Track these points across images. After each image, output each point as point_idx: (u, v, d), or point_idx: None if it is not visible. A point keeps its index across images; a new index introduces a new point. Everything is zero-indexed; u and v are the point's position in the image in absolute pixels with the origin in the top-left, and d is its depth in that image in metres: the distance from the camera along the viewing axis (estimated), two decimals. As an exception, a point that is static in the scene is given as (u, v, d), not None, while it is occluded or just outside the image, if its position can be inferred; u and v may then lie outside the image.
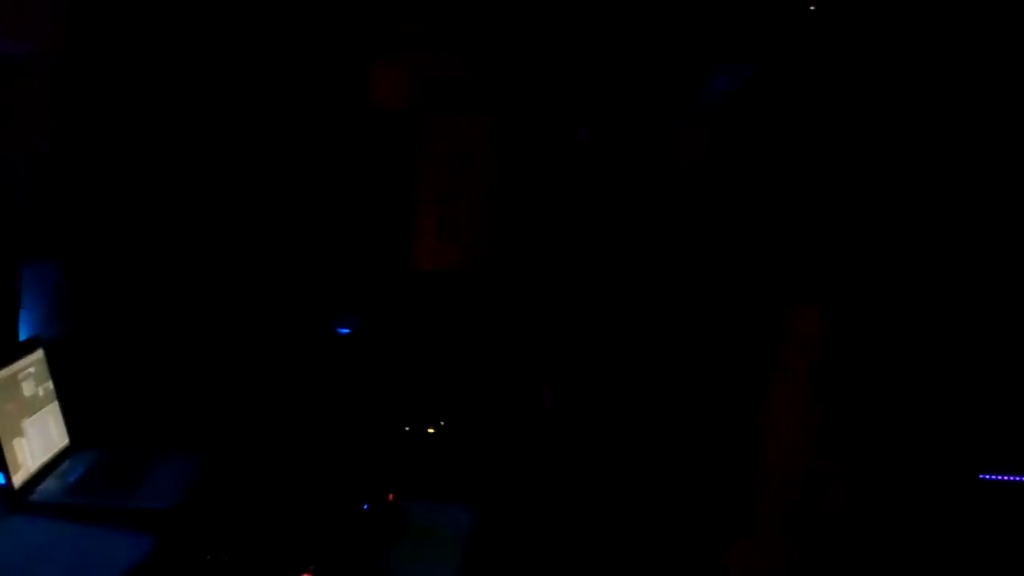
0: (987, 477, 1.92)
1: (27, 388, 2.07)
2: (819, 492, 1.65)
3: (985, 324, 1.92)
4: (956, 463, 1.81)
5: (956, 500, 1.76)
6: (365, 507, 1.93)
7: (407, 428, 2.46)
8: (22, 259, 2.45)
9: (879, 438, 1.75)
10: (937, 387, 1.79)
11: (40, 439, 2.07)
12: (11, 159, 2.50)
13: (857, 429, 1.74)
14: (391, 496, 1.97)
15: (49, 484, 2.00)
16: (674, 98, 2.11)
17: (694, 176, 1.97)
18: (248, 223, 2.67)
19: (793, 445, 1.72)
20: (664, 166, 2.08)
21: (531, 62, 2.53)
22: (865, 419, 1.73)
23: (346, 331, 2.75)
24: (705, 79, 2.01)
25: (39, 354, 2.18)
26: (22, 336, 2.35)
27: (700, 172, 1.96)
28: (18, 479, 1.92)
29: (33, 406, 2.07)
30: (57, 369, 2.22)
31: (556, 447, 2.32)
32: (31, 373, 2.11)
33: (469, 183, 2.66)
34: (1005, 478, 1.93)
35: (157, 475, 2.05)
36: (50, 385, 2.18)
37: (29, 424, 2.03)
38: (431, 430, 2.45)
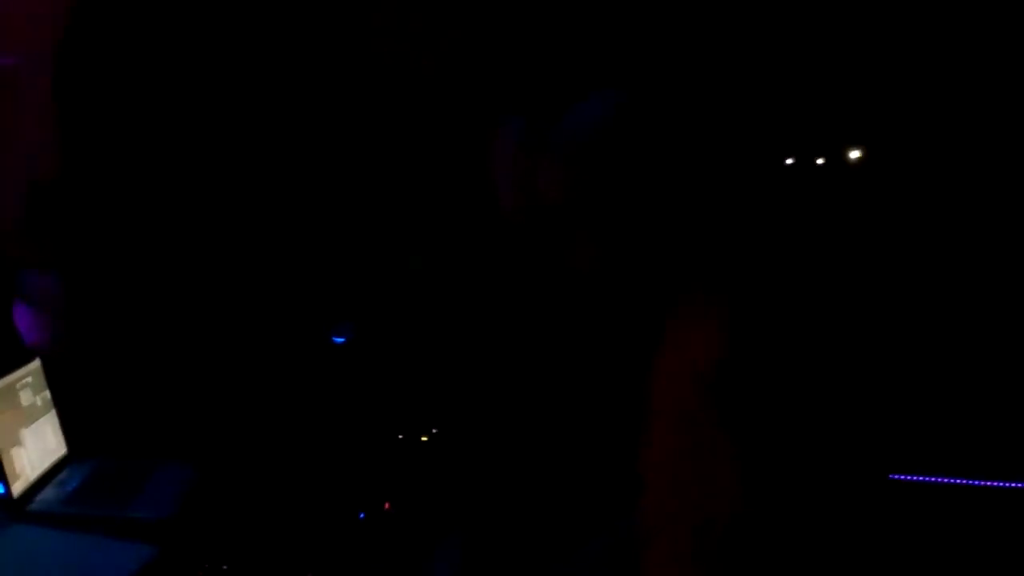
0: (899, 478, 1.94)
1: (25, 398, 2.09)
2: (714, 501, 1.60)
3: (891, 324, 1.94)
4: (866, 464, 1.82)
5: (866, 501, 1.77)
6: (361, 516, 1.95)
7: (401, 436, 2.47)
8: (19, 269, 2.46)
9: (780, 442, 1.73)
10: (841, 388, 1.79)
11: (39, 448, 2.08)
12: (7, 170, 2.51)
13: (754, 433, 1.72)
14: (387, 505, 1.99)
15: (48, 493, 2.01)
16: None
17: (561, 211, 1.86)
18: (245, 233, 2.69)
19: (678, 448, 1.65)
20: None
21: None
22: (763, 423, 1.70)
23: (341, 340, 2.76)
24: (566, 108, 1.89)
25: (36, 364, 2.19)
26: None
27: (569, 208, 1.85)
28: (17, 488, 1.93)
29: (31, 415, 2.09)
30: (54, 379, 2.23)
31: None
32: (29, 383, 2.12)
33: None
34: (916, 479, 1.96)
35: (155, 484, 2.06)
36: (48, 395, 2.20)
37: (27, 433, 2.04)
38: (424, 438, 2.46)
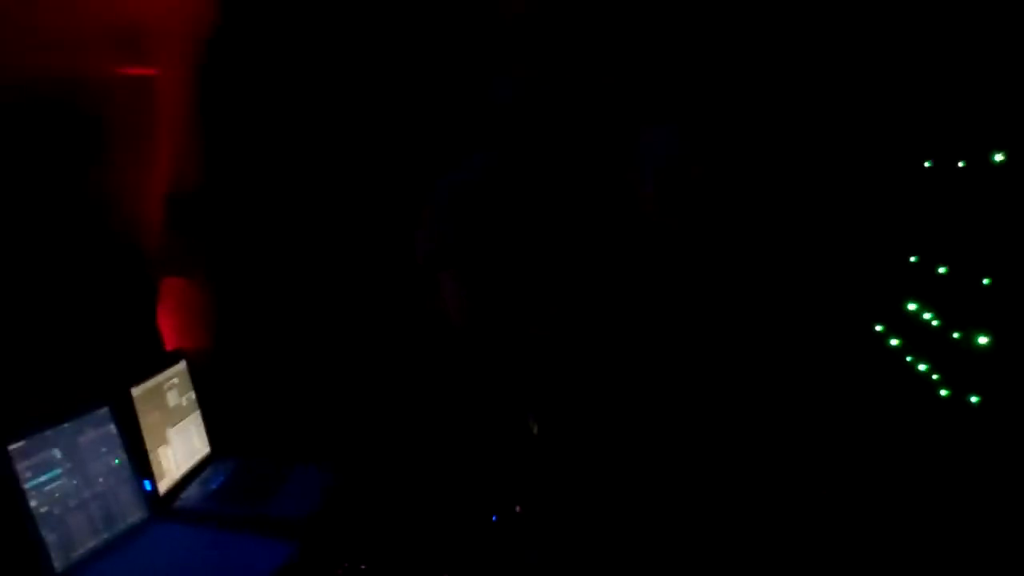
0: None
1: (171, 398, 2.13)
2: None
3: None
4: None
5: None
6: (494, 518, 1.89)
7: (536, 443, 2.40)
8: (163, 275, 2.54)
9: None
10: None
11: (184, 447, 2.11)
12: (150, 179, 2.60)
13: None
14: (518, 508, 1.93)
15: (192, 491, 2.04)
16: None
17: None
18: (381, 239, 2.69)
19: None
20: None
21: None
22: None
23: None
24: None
25: (182, 365, 2.24)
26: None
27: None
28: (163, 486, 1.96)
29: (177, 415, 2.13)
30: (199, 380, 2.28)
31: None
32: (175, 384, 2.17)
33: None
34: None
35: (294, 484, 2.06)
36: (192, 395, 2.24)
37: (173, 433, 2.08)
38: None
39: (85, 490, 1.69)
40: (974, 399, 1.79)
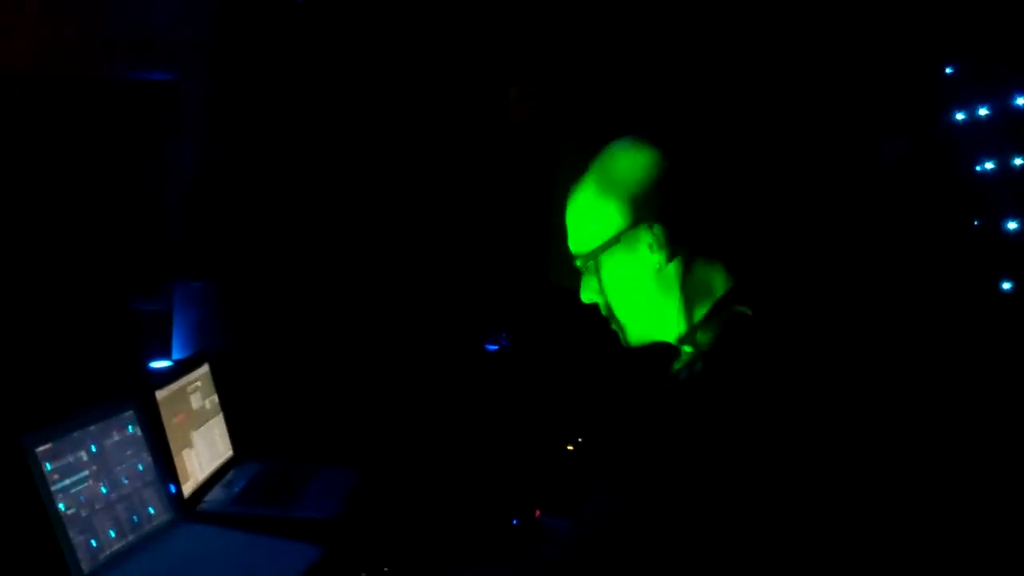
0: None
1: (195, 401, 2.13)
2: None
3: None
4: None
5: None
6: (515, 522, 1.88)
7: (567, 445, 2.39)
8: (178, 279, 2.56)
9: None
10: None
11: (207, 450, 2.12)
12: (167, 182, 2.62)
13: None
14: (538, 512, 1.92)
15: (216, 494, 2.04)
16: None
17: None
18: (401, 243, 2.70)
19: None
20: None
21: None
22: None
23: (494, 348, 2.72)
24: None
25: (205, 368, 2.24)
26: (184, 353, 2.44)
27: None
28: (188, 488, 1.96)
29: (201, 418, 2.13)
30: (222, 383, 2.28)
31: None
32: (199, 387, 2.17)
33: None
34: None
35: (318, 487, 2.06)
36: (216, 398, 2.24)
37: (197, 436, 2.08)
38: (570, 447, 2.37)
39: (111, 492, 1.70)
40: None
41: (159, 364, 2.45)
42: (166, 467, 1.89)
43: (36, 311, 2.57)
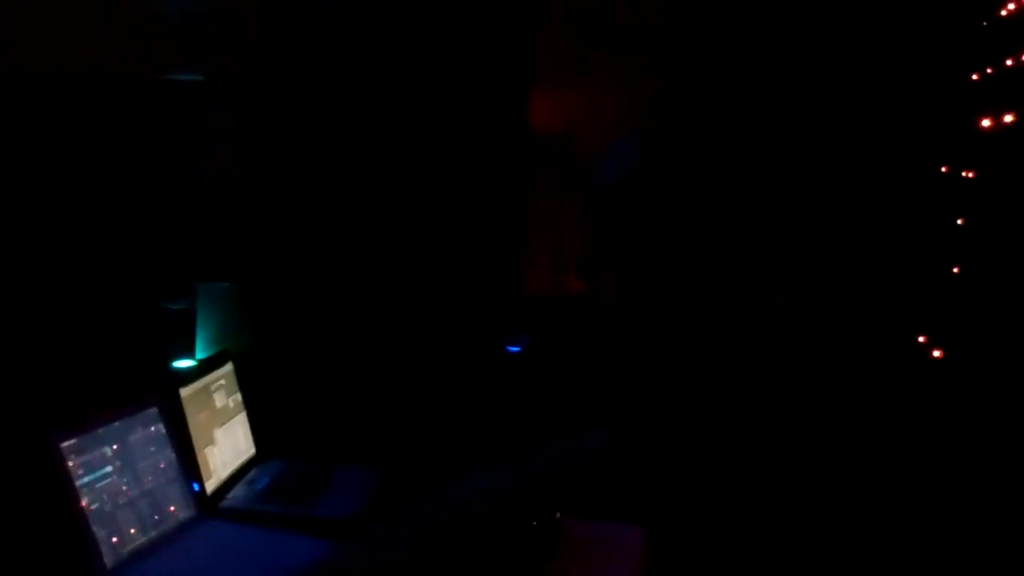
0: None
1: (219, 399, 2.14)
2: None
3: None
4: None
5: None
6: (534, 523, 1.87)
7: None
8: (200, 279, 2.58)
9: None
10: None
11: (230, 448, 2.13)
12: (192, 183, 2.64)
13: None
14: (558, 514, 1.90)
15: (238, 491, 2.05)
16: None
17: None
18: (422, 245, 2.70)
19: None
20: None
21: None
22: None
23: (515, 350, 2.71)
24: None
25: (229, 367, 2.25)
26: (207, 352, 2.45)
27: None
28: (210, 486, 1.97)
29: (224, 416, 2.14)
30: (245, 382, 2.29)
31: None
32: (222, 385, 2.18)
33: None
34: None
35: (340, 484, 2.06)
36: (239, 396, 2.26)
37: (220, 433, 2.09)
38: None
39: (134, 488, 1.71)
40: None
41: (183, 363, 2.48)
42: (189, 464, 1.90)
43: (62, 310, 2.60)
